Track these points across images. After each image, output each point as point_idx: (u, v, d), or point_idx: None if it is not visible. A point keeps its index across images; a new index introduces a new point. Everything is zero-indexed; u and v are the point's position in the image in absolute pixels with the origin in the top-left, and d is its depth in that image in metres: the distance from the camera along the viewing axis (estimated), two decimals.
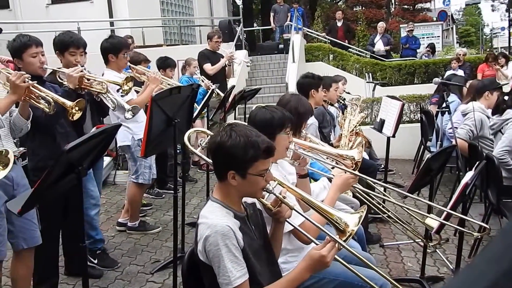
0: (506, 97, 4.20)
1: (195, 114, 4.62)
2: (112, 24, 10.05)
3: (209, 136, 2.34)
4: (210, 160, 1.94)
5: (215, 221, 1.71)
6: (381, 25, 11.98)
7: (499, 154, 3.77)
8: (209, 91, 4.49)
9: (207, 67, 6.45)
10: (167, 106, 2.90)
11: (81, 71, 2.92)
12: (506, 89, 6.23)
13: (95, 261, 3.62)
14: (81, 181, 2.14)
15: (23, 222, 2.70)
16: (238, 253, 1.70)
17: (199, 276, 1.85)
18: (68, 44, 3.31)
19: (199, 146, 2.53)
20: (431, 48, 11.98)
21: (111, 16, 10.32)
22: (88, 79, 3.00)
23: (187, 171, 5.99)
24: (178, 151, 4.21)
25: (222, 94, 5.30)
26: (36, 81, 2.73)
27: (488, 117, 4.41)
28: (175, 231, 3.21)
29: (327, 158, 2.66)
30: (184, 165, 5.65)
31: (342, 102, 5.30)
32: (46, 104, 2.71)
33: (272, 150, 1.79)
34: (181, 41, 11.12)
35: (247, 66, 6.19)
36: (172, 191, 4.93)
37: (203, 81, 5.98)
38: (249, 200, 1.97)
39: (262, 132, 1.93)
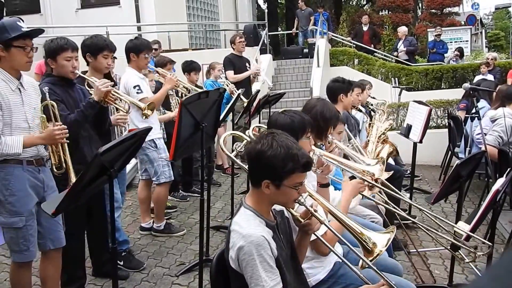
0: None
1: (221, 119, 4.67)
2: (139, 28, 10.23)
3: (246, 141, 2.38)
4: (244, 166, 1.96)
5: (250, 231, 1.71)
6: (401, 30, 11.86)
7: None
8: (234, 96, 4.53)
9: (230, 74, 6.49)
10: (196, 110, 2.94)
11: (109, 86, 2.99)
12: None
13: (121, 263, 3.68)
14: (112, 183, 2.19)
15: (50, 223, 2.77)
16: (272, 262, 1.70)
17: (227, 280, 1.86)
18: (103, 48, 3.42)
19: (233, 151, 2.54)
20: (460, 52, 11.76)
21: (138, 20, 10.51)
22: (113, 95, 3.07)
23: (211, 174, 6.04)
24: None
25: (245, 100, 5.33)
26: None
27: None
28: (201, 234, 3.23)
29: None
30: (208, 169, 5.71)
31: (370, 107, 5.26)
32: (122, 105, 3.07)
33: (310, 164, 1.80)
34: (206, 46, 11.24)
35: (268, 88, 6.20)
36: (197, 194, 5.02)
37: (228, 85, 6.03)
38: (277, 207, 1.97)
39: None
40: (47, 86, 2.83)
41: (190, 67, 5.58)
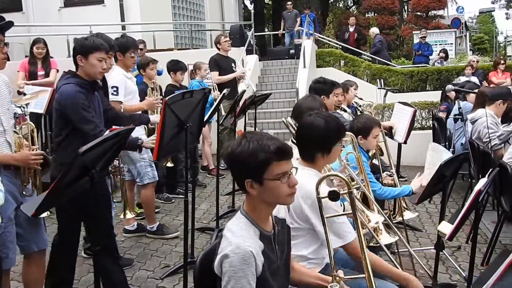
0: None
1: (205, 119, 4.63)
2: (124, 27, 10.09)
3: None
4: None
5: (240, 242, 1.65)
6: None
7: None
8: (219, 97, 4.50)
9: (214, 75, 6.47)
10: (180, 110, 2.90)
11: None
12: None
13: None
14: (94, 183, 2.15)
15: (33, 225, 2.71)
16: (253, 281, 1.64)
17: (211, 281, 1.82)
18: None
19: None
20: (444, 53, 11.91)
21: (123, 19, 10.37)
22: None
23: (196, 175, 5.99)
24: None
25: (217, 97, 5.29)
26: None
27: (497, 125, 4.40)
28: (185, 236, 3.20)
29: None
30: (193, 170, 5.66)
31: (358, 108, 5.28)
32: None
33: (285, 151, 1.70)
34: (192, 45, 11.16)
35: (253, 92, 6.19)
36: (182, 196, 4.97)
37: (214, 90, 6.03)
38: (281, 214, 1.93)
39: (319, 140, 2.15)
40: (76, 87, 2.81)
41: (176, 67, 5.53)
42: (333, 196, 1.83)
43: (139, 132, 4.09)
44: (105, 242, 2.93)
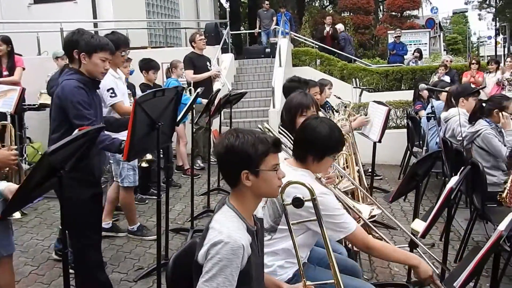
0: (484, 104, 4.24)
1: (178, 119, 4.56)
2: (96, 25, 9.89)
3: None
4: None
5: (232, 233, 1.66)
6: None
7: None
8: (193, 96, 4.43)
9: (189, 74, 6.40)
10: (151, 108, 2.83)
11: None
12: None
13: None
14: (62, 184, 2.08)
15: (2, 229, 2.61)
16: (236, 274, 1.64)
17: (184, 282, 1.81)
18: (119, 44, 3.64)
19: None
20: (419, 52, 12.10)
21: (95, 17, 10.15)
22: None
23: (171, 176, 5.91)
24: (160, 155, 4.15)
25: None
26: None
27: None
28: (159, 236, 3.14)
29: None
30: (167, 170, 5.58)
31: (330, 106, 5.29)
32: None
33: (279, 143, 1.81)
34: (166, 44, 11.02)
35: (228, 90, 6.15)
36: (155, 197, 4.88)
37: (190, 90, 5.97)
38: (258, 214, 1.94)
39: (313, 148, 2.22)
40: (77, 83, 2.77)
41: (148, 65, 5.44)
42: (297, 203, 1.91)
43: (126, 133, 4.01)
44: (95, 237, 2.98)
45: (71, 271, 3.11)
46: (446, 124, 4.83)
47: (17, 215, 4.79)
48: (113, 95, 3.74)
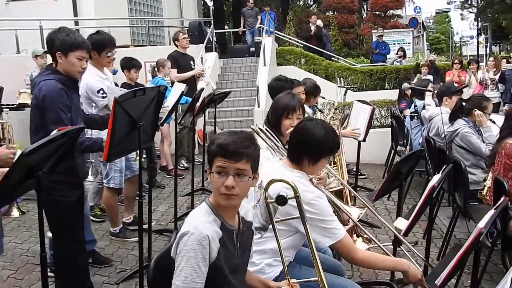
0: (464, 103, 4.29)
1: (163, 118, 4.51)
2: (77, 23, 9.70)
3: None
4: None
5: (198, 224, 1.68)
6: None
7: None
8: (178, 95, 4.39)
9: (173, 73, 6.34)
10: (132, 108, 2.78)
11: None
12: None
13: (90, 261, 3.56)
14: (41, 186, 2.05)
15: None
16: (204, 265, 1.64)
17: (166, 284, 1.77)
18: (105, 45, 3.56)
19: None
20: (403, 51, 12.22)
21: (75, 14, 9.97)
22: None
23: (154, 176, 5.84)
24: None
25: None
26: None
27: None
28: (140, 238, 3.09)
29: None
30: (150, 170, 5.52)
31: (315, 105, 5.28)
32: None
33: (225, 149, 1.71)
34: (149, 42, 10.89)
35: (212, 90, 6.10)
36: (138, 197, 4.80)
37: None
38: (248, 217, 1.94)
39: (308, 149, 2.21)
40: (57, 84, 2.70)
41: (130, 64, 5.36)
42: (280, 201, 1.89)
43: None
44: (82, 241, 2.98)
45: (51, 274, 3.08)
46: (430, 122, 4.87)
47: (15, 213, 4.73)
48: (104, 95, 3.67)
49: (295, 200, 1.92)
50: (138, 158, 3.46)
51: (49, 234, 3.01)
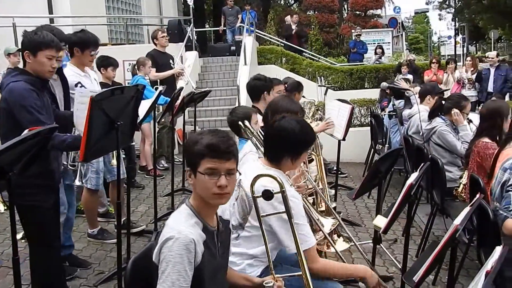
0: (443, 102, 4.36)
1: (141, 117, 4.45)
2: (52, 20, 9.39)
3: None
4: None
5: (182, 228, 1.67)
6: (286, 18, 12.73)
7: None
8: (155, 95, 4.33)
9: (152, 72, 6.28)
10: (109, 107, 2.73)
11: None
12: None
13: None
14: (11, 187, 2.00)
15: None
16: (189, 269, 1.63)
17: (143, 285, 1.77)
18: (89, 44, 3.53)
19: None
20: (381, 48, 12.37)
21: (50, 12, 9.63)
22: None
23: (133, 177, 5.77)
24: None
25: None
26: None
27: None
28: (119, 239, 3.03)
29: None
30: (129, 171, 5.45)
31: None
32: None
33: (215, 149, 1.71)
34: (127, 41, 10.73)
35: (192, 89, 6.05)
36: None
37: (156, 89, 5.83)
38: (225, 215, 1.94)
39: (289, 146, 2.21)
40: (26, 85, 2.60)
41: (107, 62, 5.26)
42: (267, 195, 1.91)
43: None
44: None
45: (28, 277, 3.02)
46: (410, 120, 4.93)
47: (1, 208, 4.60)
48: (82, 87, 3.62)
49: (281, 194, 1.94)
50: (117, 160, 3.43)
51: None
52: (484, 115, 3.53)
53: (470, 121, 4.25)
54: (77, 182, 4.24)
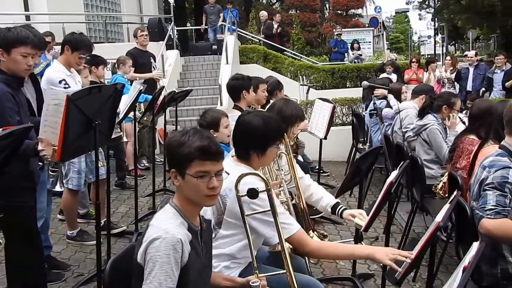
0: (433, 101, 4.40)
1: (121, 116, 4.39)
2: (28, 18, 9.20)
3: None
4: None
5: (169, 228, 1.65)
6: (261, 14, 12.81)
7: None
8: (135, 94, 4.27)
9: (130, 72, 6.20)
10: (86, 106, 2.68)
11: None
12: None
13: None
14: None
15: None
16: (176, 269, 1.62)
17: (122, 287, 1.75)
18: (81, 47, 3.50)
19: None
20: (357, 43, 12.48)
21: (26, 9, 9.43)
22: None
23: (123, 177, 5.68)
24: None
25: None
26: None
27: None
28: (98, 240, 2.99)
29: None
30: (120, 170, 5.39)
31: None
32: None
33: (207, 149, 1.69)
34: (106, 39, 10.57)
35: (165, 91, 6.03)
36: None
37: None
38: (207, 215, 1.93)
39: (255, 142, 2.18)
40: (1, 85, 2.52)
41: (98, 60, 5.18)
42: (252, 194, 1.91)
43: None
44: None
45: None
46: (397, 116, 4.95)
47: None
48: (66, 85, 3.55)
49: (266, 192, 1.93)
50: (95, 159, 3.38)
51: None
52: (475, 114, 3.56)
53: (463, 122, 4.30)
54: (58, 188, 4.18)
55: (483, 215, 2.32)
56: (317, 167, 5.59)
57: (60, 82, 3.53)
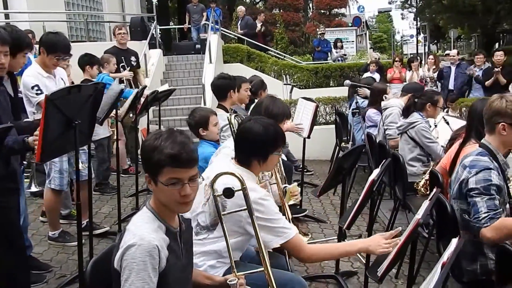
0: (416, 100, 4.44)
1: (103, 116, 4.34)
2: (7, 16, 8.99)
3: None
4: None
5: (144, 234, 1.62)
6: (238, 9, 12.79)
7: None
8: (116, 94, 4.22)
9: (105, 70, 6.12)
10: (65, 106, 2.64)
11: None
12: None
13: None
14: None
15: None
16: (154, 275, 1.60)
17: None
18: (58, 49, 3.43)
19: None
20: (341, 42, 12.56)
21: (6, 7, 9.19)
22: None
23: (107, 178, 5.60)
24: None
25: None
26: None
27: None
28: (79, 241, 2.94)
29: None
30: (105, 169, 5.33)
31: None
32: None
33: (178, 157, 1.62)
34: (88, 38, 10.42)
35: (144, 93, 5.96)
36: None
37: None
38: (186, 214, 1.90)
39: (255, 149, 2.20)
40: None
41: (93, 60, 5.14)
42: (228, 193, 1.91)
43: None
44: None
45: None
46: (384, 113, 4.98)
47: None
48: (38, 92, 3.46)
49: (242, 192, 1.93)
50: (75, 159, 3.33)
51: None
52: (472, 118, 3.58)
53: (447, 122, 4.34)
54: (33, 189, 4.11)
55: (480, 226, 2.31)
56: (300, 166, 5.61)
57: (32, 88, 3.45)
